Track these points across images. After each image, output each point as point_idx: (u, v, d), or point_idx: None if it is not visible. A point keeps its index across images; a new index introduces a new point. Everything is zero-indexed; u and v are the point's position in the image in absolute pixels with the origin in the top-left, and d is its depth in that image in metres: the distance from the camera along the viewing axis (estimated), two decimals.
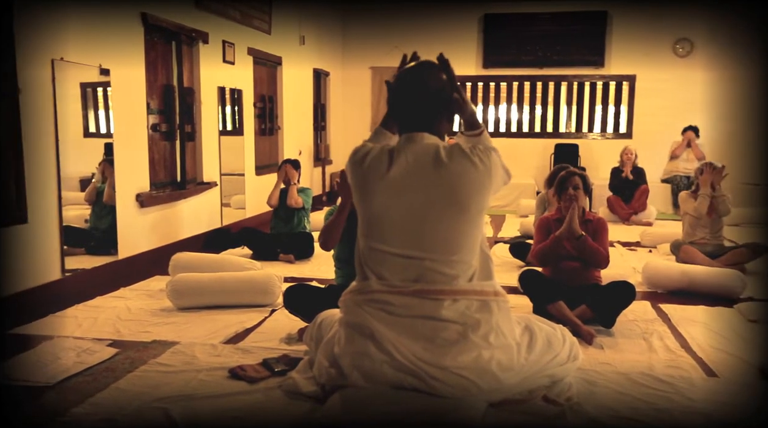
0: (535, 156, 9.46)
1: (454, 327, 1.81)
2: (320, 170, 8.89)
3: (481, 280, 1.88)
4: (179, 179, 5.37)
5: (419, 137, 1.91)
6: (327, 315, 2.24)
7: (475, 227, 1.86)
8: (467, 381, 1.78)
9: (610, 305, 3.34)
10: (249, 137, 6.70)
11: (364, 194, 1.93)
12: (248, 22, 6.47)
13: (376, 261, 1.90)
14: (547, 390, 1.92)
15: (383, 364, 1.80)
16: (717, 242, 4.89)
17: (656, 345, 3.15)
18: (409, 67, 1.98)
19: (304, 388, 1.98)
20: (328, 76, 9.26)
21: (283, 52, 7.42)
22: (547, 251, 3.55)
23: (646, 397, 1.94)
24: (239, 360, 2.30)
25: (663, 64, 9.03)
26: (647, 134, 9.08)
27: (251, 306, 3.71)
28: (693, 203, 4.87)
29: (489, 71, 9.51)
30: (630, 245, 5.80)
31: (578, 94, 9.45)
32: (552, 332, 2.02)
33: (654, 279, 4.25)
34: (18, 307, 3.46)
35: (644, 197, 7.23)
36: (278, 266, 4.83)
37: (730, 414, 1.83)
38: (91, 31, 4.16)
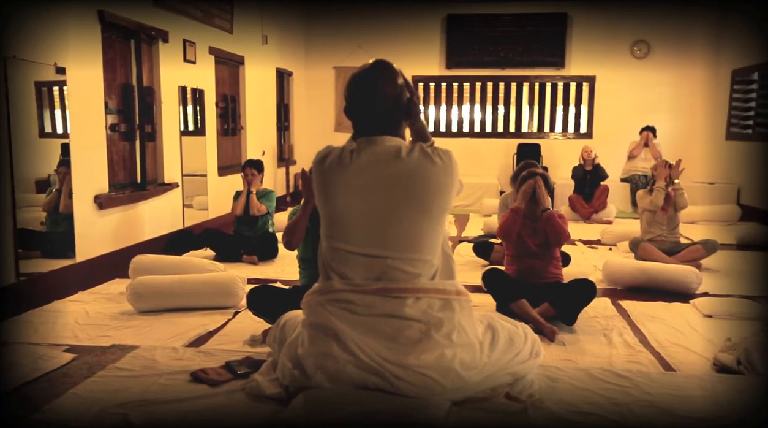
0: (498, 156, 9.56)
1: (417, 325, 1.82)
2: (284, 170, 8.83)
3: (443, 279, 1.89)
4: (139, 180, 5.27)
5: (380, 139, 1.91)
6: (290, 316, 2.23)
7: (437, 227, 1.87)
8: (430, 380, 1.78)
9: (572, 302, 3.41)
10: (211, 138, 6.62)
11: (326, 194, 1.92)
12: (209, 21, 6.39)
13: (338, 261, 1.90)
14: (510, 387, 1.94)
15: (347, 364, 1.80)
16: (674, 239, 5.02)
17: (616, 340, 3.22)
18: (364, 69, 1.96)
19: (267, 390, 1.97)
20: (291, 76, 9.20)
21: (245, 52, 7.35)
22: (509, 223, 3.61)
23: (605, 392, 1.97)
24: (201, 363, 2.27)
25: (621, 65, 9.23)
26: (607, 134, 9.27)
27: (214, 309, 3.67)
28: (650, 198, 4.98)
29: (452, 72, 9.58)
30: (591, 243, 5.90)
31: (540, 94, 9.59)
32: (514, 330, 2.04)
33: (614, 276, 4.34)
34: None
35: (604, 196, 7.38)
36: (242, 267, 4.78)
37: (686, 407, 1.88)
38: (46, 28, 4.05)
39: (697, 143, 9.12)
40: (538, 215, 3.65)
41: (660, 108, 9.16)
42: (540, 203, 3.65)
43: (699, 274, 4.18)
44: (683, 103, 9.21)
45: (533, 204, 3.66)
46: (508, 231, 3.65)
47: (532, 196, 3.66)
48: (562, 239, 3.61)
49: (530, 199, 3.67)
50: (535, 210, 3.67)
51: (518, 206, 3.66)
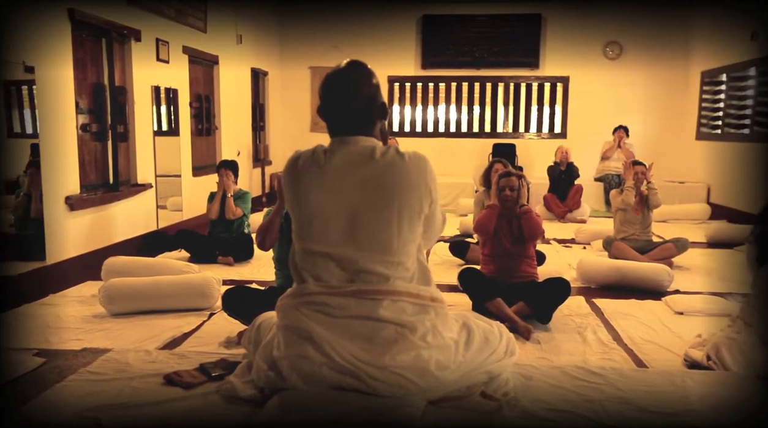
0: (473, 156, 9.61)
1: (392, 326, 1.82)
2: (259, 170, 8.78)
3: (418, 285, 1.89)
4: (112, 180, 5.20)
5: (353, 139, 1.91)
6: (265, 318, 2.21)
7: (411, 230, 1.87)
8: (406, 380, 1.78)
9: (547, 301, 3.44)
10: (185, 138, 6.56)
11: (299, 196, 1.91)
12: (183, 20, 6.32)
13: (312, 263, 1.89)
14: (485, 386, 1.95)
15: (322, 366, 1.79)
16: (646, 238, 5.10)
17: (590, 338, 3.26)
18: (340, 68, 1.95)
19: (242, 392, 1.95)
20: (266, 75, 9.15)
21: (219, 51, 7.29)
22: (485, 219, 3.64)
23: (579, 389, 1.99)
24: (175, 366, 2.24)
25: (594, 66, 9.34)
26: (581, 134, 9.37)
27: (189, 310, 3.64)
28: (621, 198, 5.05)
29: (428, 72, 9.61)
30: (565, 242, 5.96)
31: (514, 95, 9.66)
32: (489, 328, 2.05)
33: (588, 275, 4.39)
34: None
35: (578, 196, 7.46)
36: (217, 268, 4.74)
37: (657, 402, 1.91)
38: (14, 26, 3.97)
39: (668, 143, 9.28)
40: (515, 212, 3.67)
41: (632, 108, 9.30)
42: (515, 205, 3.67)
43: (670, 272, 4.25)
44: (655, 104, 9.36)
45: (511, 202, 3.67)
46: (485, 227, 3.68)
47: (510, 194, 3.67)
48: (536, 234, 3.65)
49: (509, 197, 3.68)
50: (511, 209, 3.69)
51: (495, 203, 3.69)
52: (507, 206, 3.68)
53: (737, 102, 7.99)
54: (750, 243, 2.87)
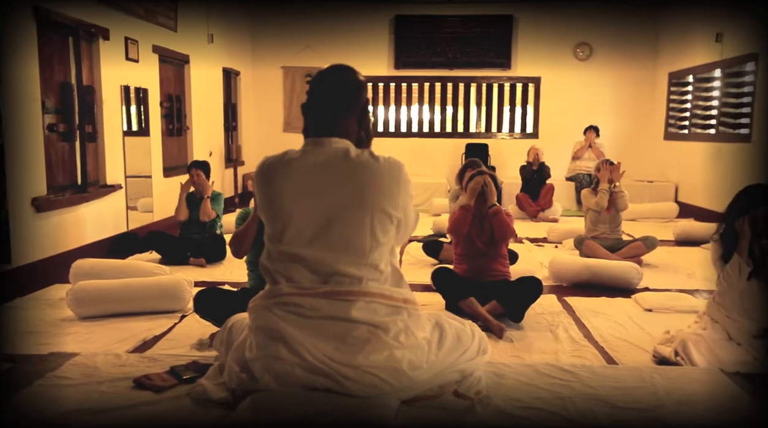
0: (446, 156, 9.66)
1: (365, 327, 1.82)
2: (232, 171, 8.71)
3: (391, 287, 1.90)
4: (80, 181, 5.11)
5: (327, 140, 1.90)
6: (237, 319, 2.19)
7: (384, 233, 1.87)
8: (379, 379, 1.78)
9: (519, 300, 3.47)
10: (156, 138, 6.47)
11: (271, 198, 1.90)
12: (152, 18, 6.24)
13: (284, 265, 1.88)
14: (458, 384, 1.96)
15: (295, 367, 1.78)
16: (616, 236, 5.17)
17: (562, 336, 3.30)
18: (324, 69, 1.97)
19: (214, 394, 1.93)
20: (238, 75, 9.08)
21: (190, 51, 7.21)
22: (459, 220, 3.66)
23: (550, 387, 2.02)
24: (145, 370, 2.21)
25: (565, 67, 9.46)
26: (552, 134, 9.48)
27: (160, 313, 3.60)
28: (594, 198, 5.12)
29: (401, 72, 9.62)
30: (537, 241, 6.02)
31: (487, 95, 9.73)
32: (461, 327, 2.06)
33: (559, 273, 4.44)
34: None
35: (550, 195, 7.54)
36: (189, 270, 4.69)
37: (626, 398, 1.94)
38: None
39: (637, 143, 9.43)
40: (485, 211, 3.70)
41: (602, 109, 9.43)
42: (487, 200, 3.70)
43: (640, 270, 4.33)
44: (624, 104, 9.50)
45: (481, 202, 3.72)
46: (459, 228, 3.70)
47: (480, 193, 3.71)
48: (507, 235, 3.67)
49: (478, 197, 3.72)
50: (482, 208, 3.72)
51: (468, 204, 3.71)
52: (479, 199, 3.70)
53: (703, 103, 8.16)
54: (715, 242, 2.93)
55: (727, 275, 2.82)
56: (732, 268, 2.80)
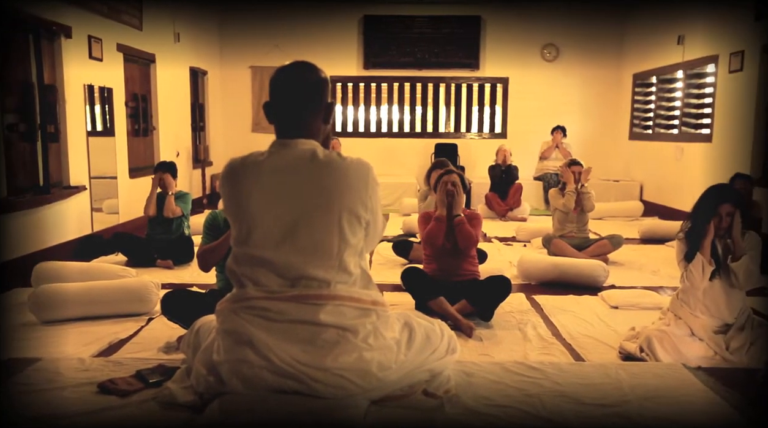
0: (416, 156, 9.69)
1: (333, 329, 1.81)
2: (200, 172, 8.60)
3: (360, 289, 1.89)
4: (42, 183, 4.99)
5: (294, 142, 1.89)
6: (205, 322, 2.16)
7: (352, 235, 1.86)
8: (348, 381, 1.78)
9: (488, 298, 3.50)
10: (121, 138, 6.36)
11: (237, 201, 1.88)
12: (116, 16, 6.13)
13: (251, 268, 1.86)
14: (427, 384, 1.96)
15: (263, 370, 1.77)
16: (583, 235, 5.24)
17: (530, 334, 3.33)
18: (288, 65, 1.93)
19: (180, 398, 1.90)
20: (205, 75, 8.98)
21: (156, 50, 7.11)
22: (433, 232, 3.67)
23: (518, 384, 2.03)
24: (110, 374, 2.17)
25: (533, 67, 9.56)
26: (520, 134, 9.57)
27: (126, 316, 3.54)
28: (561, 199, 5.19)
29: (370, 72, 9.62)
30: (506, 240, 6.07)
31: (456, 95, 9.79)
32: (430, 327, 2.06)
33: (528, 272, 4.48)
34: None
35: (518, 194, 7.62)
36: (155, 272, 4.62)
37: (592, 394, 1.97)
38: None
39: (603, 143, 9.59)
40: (451, 218, 3.71)
41: (569, 109, 9.56)
42: (453, 208, 3.70)
43: (606, 268, 4.39)
44: (590, 105, 9.64)
45: (449, 209, 3.71)
46: (434, 239, 3.71)
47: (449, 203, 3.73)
48: (470, 246, 3.70)
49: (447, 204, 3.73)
50: (450, 213, 3.72)
51: (441, 214, 3.70)
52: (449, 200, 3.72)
53: (666, 103, 8.33)
54: (680, 241, 2.99)
55: (691, 273, 2.88)
56: (695, 267, 2.86)
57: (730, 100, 6.71)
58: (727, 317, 2.90)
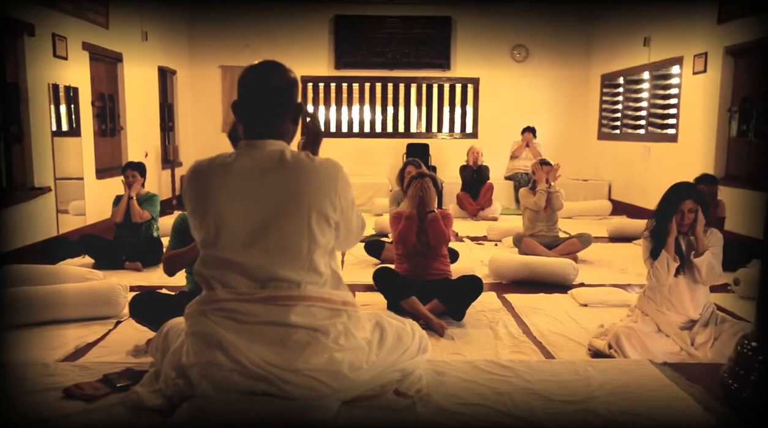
0: (388, 156, 9.70)
1: (304, 331, 1.80)
2: (169, 172, 8.50)
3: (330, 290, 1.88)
4: (5, 184, 4.88)
5: (262, 143, 1.87)
6: (173, 324, 2.13)
7: (322, 236, 1.85)
8: (318, 382, 1.77)
9: (460, 298, 3.52)
10: (87, 138, 6.25)
11: (204, 203, 1.85)
12: (82, 14, 6.02)
13: (220, 270, 1.84)
14: (399, 383, 1.96)
15: (233, 372, 1.75)
16: (553, 234, 5.31)
17: (501, 332, 3.36)
18: (255, 65, 1.92)
19: (148, 402, 1.87)
20: (174, 74, 8.87)
21: (123, 48, 7.00)
22: (405, 231, 3.68)
23: (489, 383, 2.05)
24: (76, 378, 2.12)
25: (503, 68, 9.65)
26: (491, 134, 9.65)
27: (94, 319, 3.48)
28: (532, 198, 5.24)
29: (341, 72, 9.61)
30: (478, 240, 6.12)
31: (427, 95, 9.83)
32: (402, 327, 2.06)
33: (499, 271, 4.52)
34: None
35: (489, 194, 7.67)
36: (124, 274, 4.55)
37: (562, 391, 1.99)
38: None
39: (572, 142, 9.71)
40: (423, 216, 3.73)
41: (539, 109, 9.67)
42: (426, 205, 3.72)
43: (576, 266, 4.45)
44: (560, 105, 9.77)
45: (422, 206, 3.74)
46: (405, 238, 3.72)
47: (420, 198, 3.74)
48: (441, 242, 3.72)
49: (419, 201, 3.75)
50: (422, 211, 3.75)
51: (411, 212, 3.72)
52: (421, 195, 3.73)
53: (633, 104, 8.48)
54: (645, 239, 3.05)
55: (656, 270, 2.93)
56: (660, 264, 2.91)
57: (694, 101, 6.86)
58: (692, 314, 2.97)
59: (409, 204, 3.79)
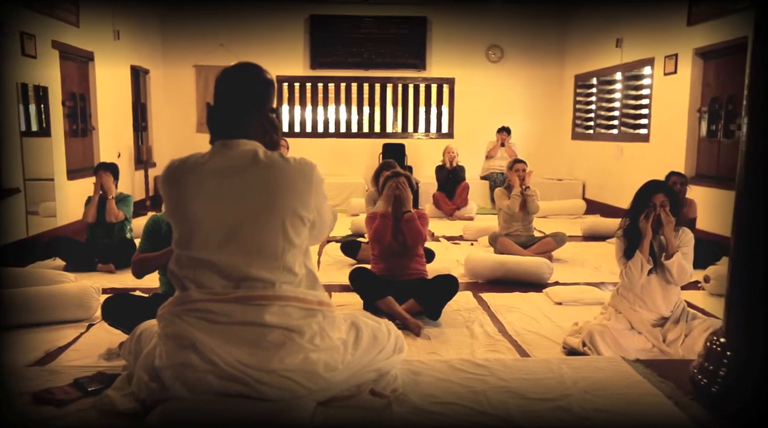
0: (364, 156, 9.69)
1: (279, 331, 1.79)
2: (142, 173, 8.39)
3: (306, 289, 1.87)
4: None
5: (236, 143, 1.86)
6: (146, 327, 2.11)
7: (297, 235, 1.85)
8: (294, 383, 1.76)
9: (436, 297, 3.53)
10: (58, 139, 6.14)
11: (178, 203, 1.84)
12: (51, 12, 5.92)
13: (194, 270, 1.82)
14: (374, 383, 1.96)
15: (207, 374, 1.73)
16: (528, 233, 5.35)
17: (477, 331, 3.38)
18: (232, 67, 1.92)
19: (121, 406, 1.84)
20: (147, 74, 8.76)
21: (95, 47, 6.89)
22: (380, 230, 3.67)
23: (464, 381, 2.06)
24: (46, 383, 2.08)
25: (478, 68, 9.70)
26: (467, 134, 9.70)
27: (65, 322, 3.42)
28: (507, 201, 5.27)
29: (317, 72, 9.58)
30: (454, 239, 6.14)
31: (403, 95, 9.84)
32: (377, 327, 2.06)
33: (475, 270, 4.54)
34: None
35: (465, 193, 7.71)
36: (97, 276, 4.49)
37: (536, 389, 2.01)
38: None
39: (547, 142, 9.81)
40: (399, 216, 3.74)
41: (514, 109, 9.74)
42: (402, 205, 3.73)
43: (550, 265, 4.49)
44: (534, 105, 9.85)
45: (398, 205, 3.75)
46: (381, 236, 3.72)
47: (396, 197, 3.75)
48: (418, 242, 3.73)
49: (395, 200, 3.75)
50: (398, 211, 3.75)
51: (386, 211, 3.72)
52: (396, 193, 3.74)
53: (606, 104, 8.58)
54: (618, 238, 3.09)
55: (630, 271, 2.98)
56: (634, 265, 2.96)
57: (665, 102, 6.97)
58: (664, 311, 3.01)
59: (384, 203, 3.80)
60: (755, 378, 1.89)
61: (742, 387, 1.91)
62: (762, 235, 1.93)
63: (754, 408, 1.86)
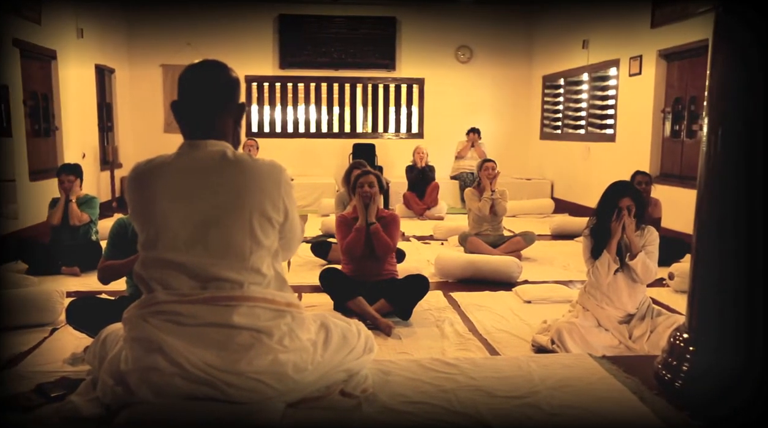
0: (334, 156, 9.67)
1: (247, 332, 1.77)
2: (108, 174, 8.24)
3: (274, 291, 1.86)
4: None
5: (203, 143, 1.84)
6: (111, 330, 2.07)
7: (265, 236, 1.83)
8: (263, 385, 1.75)
9: (407, 297, 3.54)
10: (19, 139, 5.99)
11: (144, 204, 1.81)
12: (12, 9, 5.77)
13: (160, 272, 1.80)
14: (344, 384, 1.96)
15: (174, 377, 1.71)
16: (498, 233, 5.40)
17: (448, 331, 3.39)
18: (196, 65, 1.88)
19: (85, 411, 1.81)
20: (113, 73, 8.61)
21: (57, 46, 6.75)
22: (352, 243, 3.67)
23: (434, 381, 2.07)
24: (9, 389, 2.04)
25: (447, 69, 9.75)
26: (437, 134, 9.75)
27: (28, 327, 3.34)
28: (477, 202, 5.31)
29: (286, 72, 9.53)
30: (424, 239, 6.16)
31: (373, 95, 9.85)
32: (347, 327, 2.06)
33: (445, 270, 4.57)
34: None
35: (435, 193, 7.75)
36: (61, 280, 4.40)
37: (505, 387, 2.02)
38: None
39: (516, 142, 9.90)
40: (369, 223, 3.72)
41: (483, 109, 9.81)
42: (369, 216, 3.72)
43: (519, 264, 4.54)
44: (503, 106, 9.94)
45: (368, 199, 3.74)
46: (353, 249, 3.71)
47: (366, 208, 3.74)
48: (387, 253, 3.74)
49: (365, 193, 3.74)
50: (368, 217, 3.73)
51: (361, 225, 3.70)
52: (366, 202, 3.73)
53: (573, 104, 8.70)
54: (585, 237, 3.14)
55: (596, 270, 3.02)
56: (601, 264, 3.01)
57: (630, 102, 7.09)
58: (630, 308, 3.07)
59: (358, 213, 3.76)
60: (718, 373, 1.94)
61: (705, 381, 1.96)
62: (722, 232, 1.98)
63: (717, 402, 1.90)
